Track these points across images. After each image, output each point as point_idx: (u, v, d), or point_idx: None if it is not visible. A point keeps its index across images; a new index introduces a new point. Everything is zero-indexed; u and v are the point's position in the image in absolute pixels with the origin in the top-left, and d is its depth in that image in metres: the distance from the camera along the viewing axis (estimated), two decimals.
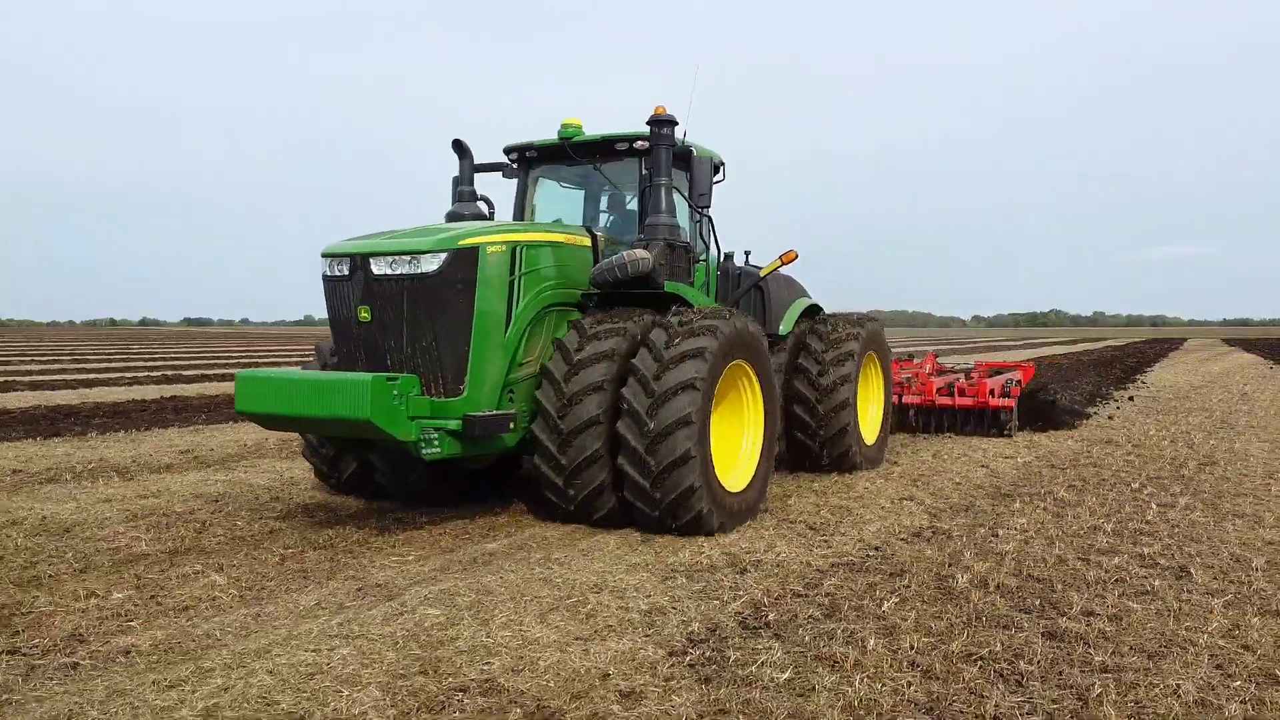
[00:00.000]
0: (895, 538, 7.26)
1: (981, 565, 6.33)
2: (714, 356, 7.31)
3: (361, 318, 7.19)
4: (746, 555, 6.69)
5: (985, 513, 8.19)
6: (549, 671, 4.48)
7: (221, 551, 6.77)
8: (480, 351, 7.21)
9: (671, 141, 8.29)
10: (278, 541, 7.04)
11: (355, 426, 6.56)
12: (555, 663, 4.58)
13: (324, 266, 7.39)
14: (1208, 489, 9.30)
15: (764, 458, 8.15)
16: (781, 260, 9.38)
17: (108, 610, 5.40)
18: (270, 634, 4.97)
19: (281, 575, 6.18)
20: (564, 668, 4.53)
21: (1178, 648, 4.81)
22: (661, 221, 8.30)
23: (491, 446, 7.43)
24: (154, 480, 9.56)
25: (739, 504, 7.68)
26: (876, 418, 11.24)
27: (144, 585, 5.88)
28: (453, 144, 9.19)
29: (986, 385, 13.78)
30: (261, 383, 6.83)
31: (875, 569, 6.32)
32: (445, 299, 7.06)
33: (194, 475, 9.88)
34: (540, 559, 6.53)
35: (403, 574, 6.19)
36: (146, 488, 9.09)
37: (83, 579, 6.00)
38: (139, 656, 4.68)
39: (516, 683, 4.34)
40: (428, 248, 7.01)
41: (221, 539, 7.12)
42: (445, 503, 8.45)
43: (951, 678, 4.39)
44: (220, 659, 4.58)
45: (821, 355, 10.29)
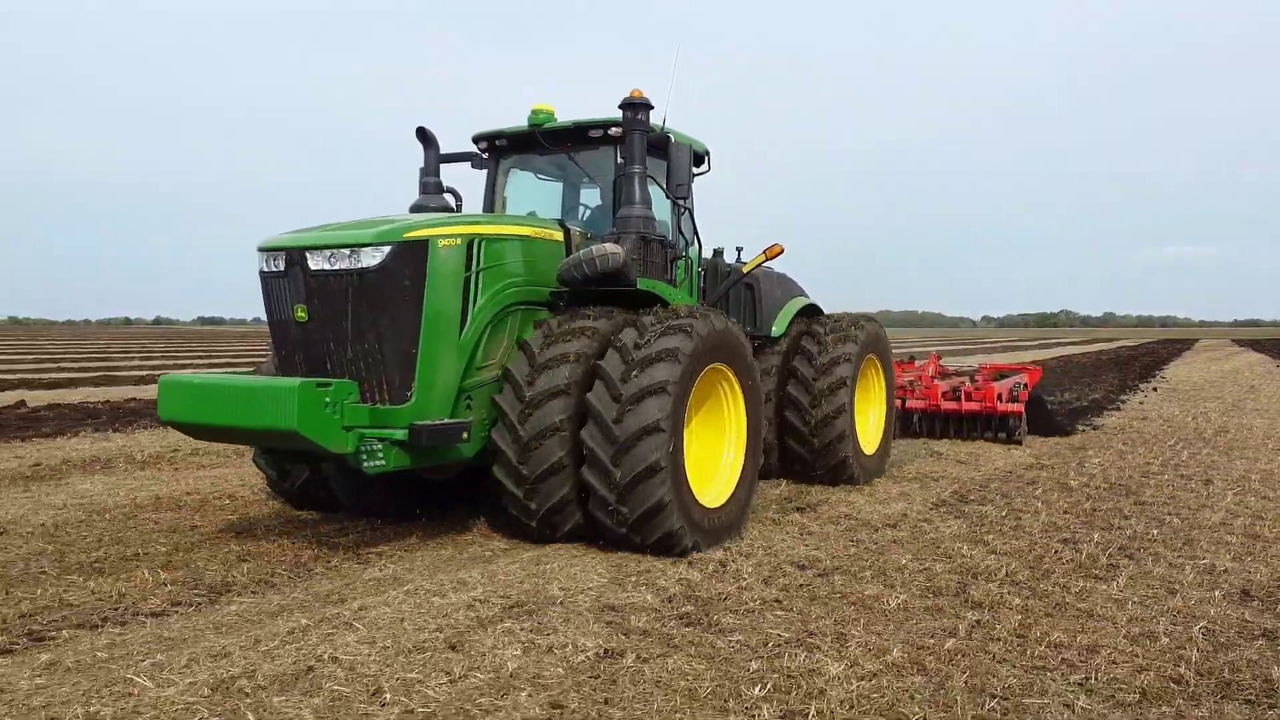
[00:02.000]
0: (1017, 468, 10.79)
1: (1081, 478, 10.16)
2: (688, 358, 6.65)
3: (299, 317, 6.53)
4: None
5: (1069, 458, 11.64)
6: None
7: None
8: (430, 354, 6.55)
9: (646, 127, 7.62)
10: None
11: (283, 437, 5.91)
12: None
13: (260, 262, 6.75)
14: (1222, 445, 12.99)
15: (746, 471, 7.47)
16: (766, 255, 8.69)
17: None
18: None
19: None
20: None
21: (1207, 509, 8.59)
22: (635, 213, 7.63)
23: (444, 457, 6.77)
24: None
25: (716, 521, 7.01)
26: (877, 426, 10.54)
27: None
28: (416, 132, 8.54)
29: (995, 389, 13.08)
30: (184, 389, 6.19)
31: (1016, 477, 10.17)
32: (389, 297, 6.40)
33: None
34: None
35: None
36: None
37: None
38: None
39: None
40: (369, 240, 6.36)
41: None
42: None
43: (1092, 517, 8.20)
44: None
45: (816, 358, 9.62)
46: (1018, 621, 5.27)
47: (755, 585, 5.93)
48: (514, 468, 6.67)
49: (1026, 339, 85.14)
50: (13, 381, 22.50)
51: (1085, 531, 7.59)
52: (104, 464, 10.51)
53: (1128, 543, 7.24)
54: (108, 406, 16.82)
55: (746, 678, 4.39)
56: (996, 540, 7.24)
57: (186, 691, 4.10)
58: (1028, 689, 4.35)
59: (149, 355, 40.08)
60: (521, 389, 6.70)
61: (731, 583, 5.98)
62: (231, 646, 4.66)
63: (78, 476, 9.79)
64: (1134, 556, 6.83)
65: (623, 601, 5.53)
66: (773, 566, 6.40)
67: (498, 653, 4.62)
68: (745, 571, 6.26)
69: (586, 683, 4.31)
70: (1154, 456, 11.68)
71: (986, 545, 7.07)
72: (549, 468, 6.59)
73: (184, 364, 32.83)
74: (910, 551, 6.86)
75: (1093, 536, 7.39)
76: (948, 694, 4.25)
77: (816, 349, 9.70)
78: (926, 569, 6.37)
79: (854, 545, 7.05)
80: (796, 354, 9.81)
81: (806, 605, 5.53)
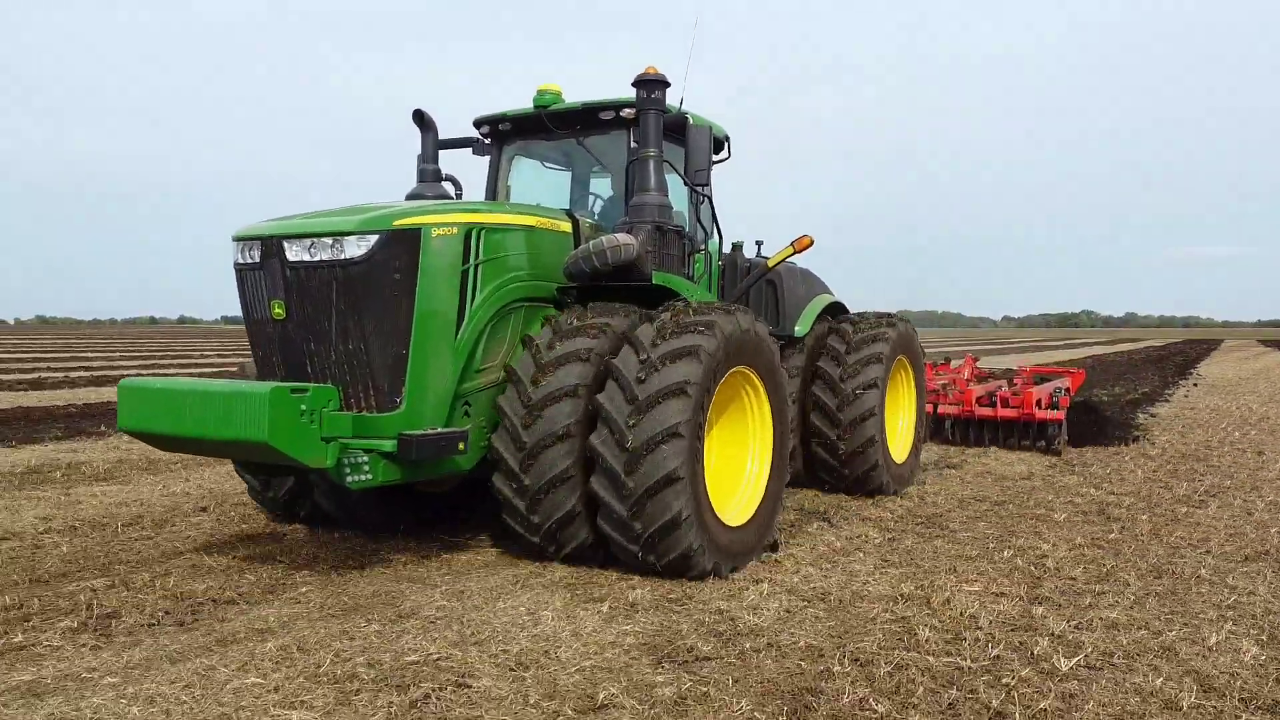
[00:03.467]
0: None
1: (1156, 449, 12.30)
2: (710, 357, 6.00)
3: (275, 314, 5.90)
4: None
5: (1138, 436, 13.37)
6: None
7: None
8: (422, 356, 5.91)
9: (662, 106, 6.95)
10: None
11: (254, 449, 5.28)
12: None
13: (234, 252, 6.12)
14: (1266, 428, 15.00)
15: (771, 487, 6.78)
16: (794, 247, 7.98)
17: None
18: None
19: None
20: None
21: (1264, 470, 10.80)
22: (649, 201, 6.96)
23: (439, 470, 6.14)
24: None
25: (737, 542, 6.33)
26: (907, 432, 9.83)
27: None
28: (413, 115, 7.89)
29: (1033, 395, 12.30)
30: (145, 395, 5.56)
31: (1102, 448, 12.35)
32: (377, 292, 5.76)
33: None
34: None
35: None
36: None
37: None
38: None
39: None
40: (353, 228, 5.71)
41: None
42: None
43: (1175, 474, 10.39)
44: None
45: (844, 357, 8.94)
46: (1150, 526, 7.80)
47: (955, 509, 8.51)
48: (516, 476, 6.04)
49: (1052, 339, 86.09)
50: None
51: (1174, 481, 9.95)
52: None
53: (1209, 488, 9.60)
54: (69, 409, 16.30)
55: (991, 552, 6.89)
56: (1110, 487, 9.63)
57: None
58: (1172, 555, 6.89)
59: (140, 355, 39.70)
60: (525, 390, 6.08)
61: (938, 507, 8.57)
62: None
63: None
64: (1216, 496, 9.20)
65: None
66: (960, 498, 9.01)
67: None
68: (942, 501, 8.84)
69: None
70: (1210, 436, 13.79)
71: (1104, 490, 9.47)
72: (554, 477, 5.96)
73: (203, 363, 32.39)
74: (1050, 493, 9.30)
75: (1180, 485, 9.73)
76: (1124, 559, 6.75)
77: (844, 348, 9.03)
78: (1069, 502, 8.85)
79: (1005, 490, 9.42)
80: (822, 354, 9.14)
81: (1000, 520, 8.07)
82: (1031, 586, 5.97)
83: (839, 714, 4.02)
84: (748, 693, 4.21)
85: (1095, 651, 4.78)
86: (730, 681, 4.32)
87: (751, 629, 5.07)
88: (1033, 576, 6.21)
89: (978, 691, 4.25)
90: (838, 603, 5.59)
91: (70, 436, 12.67)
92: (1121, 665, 4.63)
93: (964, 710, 4.08)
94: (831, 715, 4.01)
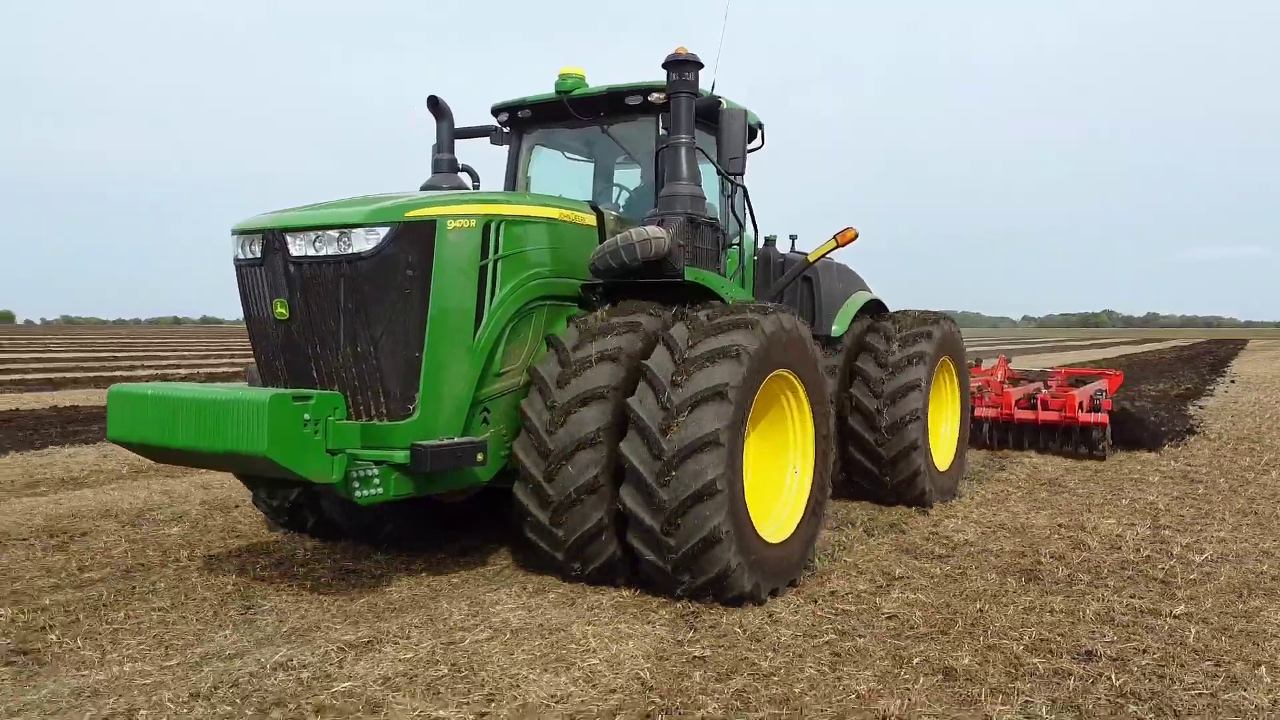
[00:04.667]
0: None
1: (1213, 435, 13.54)
2: (752, 359, 5.50)
3: (278, 314, 5.43)
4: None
5: (1194, 426, 14.34)
6: None
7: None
8: (437, 359, 5.43)
9: (694, 89, 6.44)
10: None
11: (253, 463, 4.81)
12: None
13: (234, 247, 5.66)
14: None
15: (812, 502, 6.26)
16: (837, 240, 7.44)
17: None
18: None
19: None
20: None
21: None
22: (681, 191, 6.46)
23: (455, 483, 5.66)
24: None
25: (778, 561, 5.81)
26: (951, 438, 9.28)
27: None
28: (428, 101, 7.43)
29: (1075, 397, 11.73)
30: (136, 403, 5.09)
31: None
32: (387, 289, 5.29)
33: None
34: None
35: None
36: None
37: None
38: None
39: None
40: (362, 220, 5.24)
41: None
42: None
43: (1236, 451, 11.96)
44: None
45: (885, 357, 8.41)
46: (1227, 486, 9.52)
47: (1065, 474, 10.22)
48: (539, 487, 5.57)
49: (1078, 339, 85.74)
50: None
51: (1237, 457, 11.50)
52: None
53: (1268, 461, 11.14)
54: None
55: (1110, 501, 8.79)
56: (1185, 462, 11.16)
57: None
58: (1251, 503, 8.68)
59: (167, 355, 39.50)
60: (550, 393, 5.61)
61: (1052, 473, 10.42)
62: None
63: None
64: (1275, 467, 10.75)
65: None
66: (1065, 467, 10.75)
67: None
68: (1051, 470, 10.58)
69: None
70: (1259, 425, 14.91)
71: (1181, 463, 11.01)
72: (581, 488, 5.48)
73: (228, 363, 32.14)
74: (1135, 464, 10.96)
75: (1243, 459, 11.31)
76: (1215, 505, 8.61)
77: (885, 347, 8.51)
78: (1156, 471, 10.48)
79: (1094, 466, 10.84)
80: (861, 353, 8.63)
81: (1107, 482, 9.78)
82: (1153, 520, 7.94)
83: (1059, 581, 6.10)
84: (991, 570, 6.32)
85: (1214, 554, 6.76)
86: (974, 566, 6.45)
87: (965, 541, 7.15)
88: (1151, 514, 8.18)
89: (1144, 570, 6.34)
90: (1016, 528, 7.61)
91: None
92: (1234, 560, 6.62)
93: (1141, 579, 6.15)
94: (1054, 582, 6.07)
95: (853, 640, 4.91)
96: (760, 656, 4.64)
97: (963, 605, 5.53)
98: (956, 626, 5.14)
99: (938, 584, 5.98)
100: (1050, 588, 5.92)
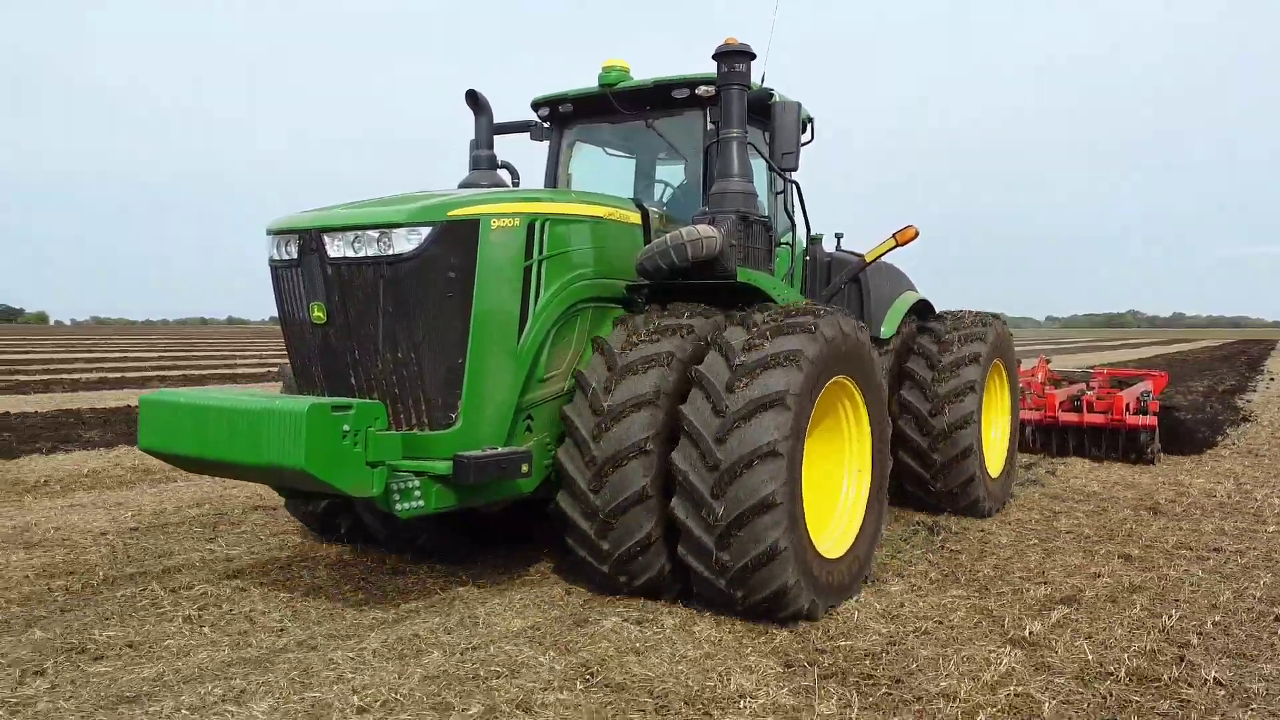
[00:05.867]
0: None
1: (1264, 422, 15.19)
2: (812, 365, 5.21)
3: (315, 318, 5.19)
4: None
5: (1245, 415, 15.98)
6: None
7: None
8: (480, 365, 5.17)
9: (746, 82, 6.15)
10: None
11: (290, 476, 4.57)
12: None
13: (270, 247, 5.42)
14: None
15: (870, 514, 5.96)
16: (896, 240, 7.11)
17: None
18: None
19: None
20: None
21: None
22: (732, 188, 6.17)
23: (498, 495, 5.40)
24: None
25: (835, 576, 5.52)
26: (1001, 443, 8.95)
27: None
28: (466, 96, 7.15)
29: (1122, 399, 11.34)
30: (169, 411, 4.86)
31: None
32: (429, 292, 5.03)
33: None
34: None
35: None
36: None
37: None
38: None
39: None
40: (403, 219, 4.98)
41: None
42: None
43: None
44: None
45: (937, 358, 8.11)
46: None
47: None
48: (584, 496, 5.31)
49: (1108, 339, 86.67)
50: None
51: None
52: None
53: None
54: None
55: (1198, 466, 10.97)
56: (1247, 441, 12.99)
57: None
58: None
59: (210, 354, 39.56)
60: (597, 398, 5.35)
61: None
62: None
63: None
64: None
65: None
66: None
67: None
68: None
69: None
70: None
71: (1243, 444, 12.73)
72: (629, 498, 5.22)
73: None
74: (1223, 449, 12.40)
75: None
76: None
77: (937, 349, 8.21)
78: (1225, 446, 12.43)
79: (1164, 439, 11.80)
80: (911, 354, 8.33)
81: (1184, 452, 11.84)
82: (1235, 479, 9.88)
83: (1178, 514, 8.19)
84: (1124, 508, 8.44)
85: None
86: (1110, 506, 8.51)
87: (1094, 492, 9.20)
88: (1232, 476, 10.11)
89: (1239, 507, 8.51)
90: (1129, 484, 9.66)
91: None
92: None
93: (1237, 513, 8.24)
94: (1174, 515, 8.12)
95: (1051, 542, 7.13)
96: (998, 550, 6.88)
97: (1115, 526, 7.70)
98: (1117, 536, 7.35)
99: (1090, 516, 8.11)
100: (1173, 518, 8.06)
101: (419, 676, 4.26)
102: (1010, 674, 4.46)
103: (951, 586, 5.97)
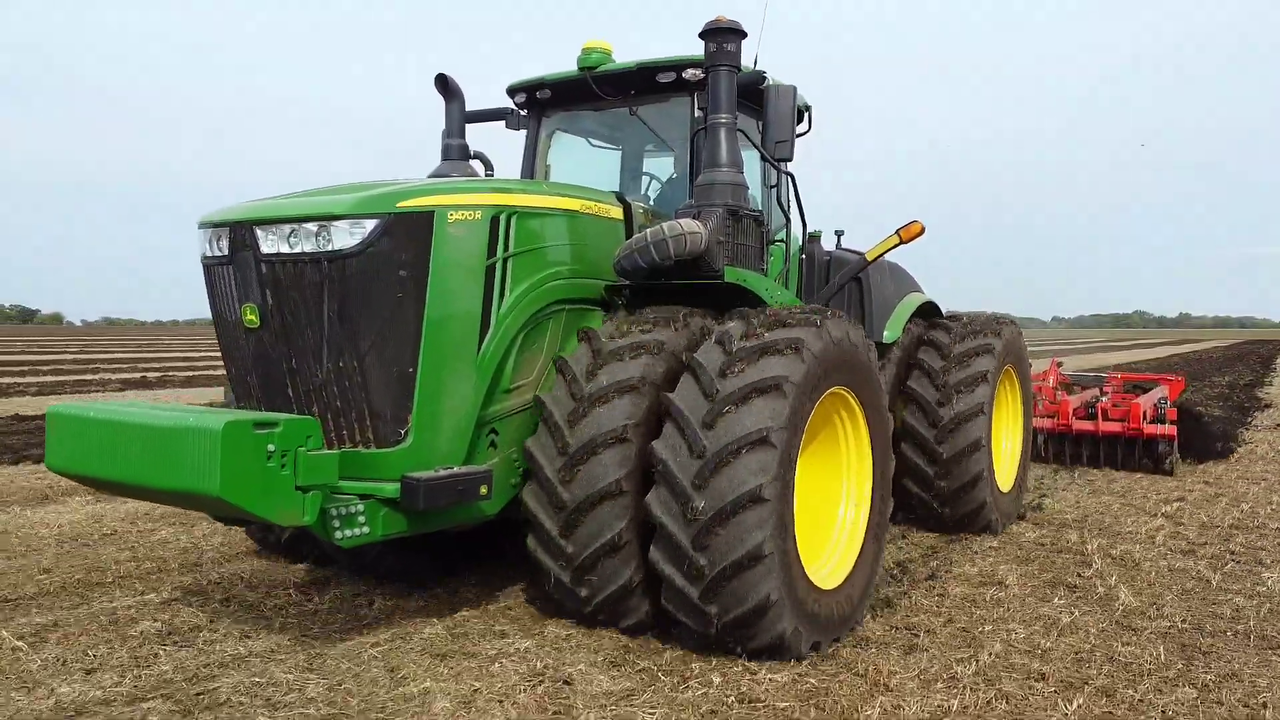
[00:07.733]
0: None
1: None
2: (798, 389, 4.62)
3: (248, 321, 4.63)
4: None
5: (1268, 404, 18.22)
6: None
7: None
8: (434, 375, 4.62)
9: (736, 63, 5.58)
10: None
11: (208, 504, 4.02)
12: None
13: (200, 243, 4.87)
14: None
15: (869, 539, 5.38)
16: (900, 236, 6.51)
17: None
18: None
19: None
20: None
21: None
22: (720, 179, 5.60)
23: (456, 519, 4.85)
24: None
25: (834, 608, 4.95)
26: (1012, 456, 8.37)
27: None
28: (436, 80, 6.59)
29: (1139, 406, 10.75)
30: (78, 427, 4.30)
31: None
32: (375, 292, 4.48)
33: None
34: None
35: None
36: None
37: None
38: None
39: None
40: (344, 210, 4.43)
41: None
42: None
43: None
44: None
45: (942, 375, 7.47)
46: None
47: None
48: (555, 543, 4.77)
49: (1118, 339, 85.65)
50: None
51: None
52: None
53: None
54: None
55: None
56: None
57: None
58: None
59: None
60: (561, 431, 4.77)
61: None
62: None
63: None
64: None
65: None
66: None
67: None
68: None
69: None
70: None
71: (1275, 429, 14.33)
72: (604, 545, 4.68)
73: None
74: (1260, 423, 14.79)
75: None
76: None
77: (941, 365, 7.55)
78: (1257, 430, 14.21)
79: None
80: (915, 368, 7.65)
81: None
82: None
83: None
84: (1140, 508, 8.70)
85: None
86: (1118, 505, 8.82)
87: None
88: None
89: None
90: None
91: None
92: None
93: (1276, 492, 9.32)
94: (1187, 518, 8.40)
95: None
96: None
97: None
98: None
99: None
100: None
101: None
102: None
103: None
